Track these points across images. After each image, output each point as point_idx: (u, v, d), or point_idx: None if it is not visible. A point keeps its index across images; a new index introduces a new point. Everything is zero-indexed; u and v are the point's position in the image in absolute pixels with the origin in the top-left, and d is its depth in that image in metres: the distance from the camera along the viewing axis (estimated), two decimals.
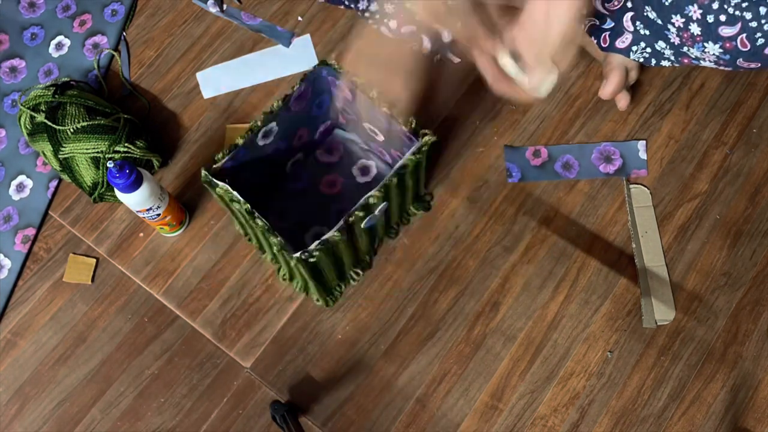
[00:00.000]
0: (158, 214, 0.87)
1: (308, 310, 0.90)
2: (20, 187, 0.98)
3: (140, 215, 0.87)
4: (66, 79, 0.95)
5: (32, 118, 0.91)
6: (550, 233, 0.92)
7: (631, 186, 0.93)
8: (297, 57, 1.04)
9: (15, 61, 1.06)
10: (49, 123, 0.88)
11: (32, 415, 0.87)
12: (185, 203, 0.95)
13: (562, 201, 0.93)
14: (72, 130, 0.88)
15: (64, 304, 0.92)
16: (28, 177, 0.99)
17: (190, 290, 0.91)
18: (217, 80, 1.03)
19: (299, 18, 1.06)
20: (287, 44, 1.04)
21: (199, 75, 1.03)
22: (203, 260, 0.93)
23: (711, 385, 0.85)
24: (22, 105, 0.91)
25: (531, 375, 0.86)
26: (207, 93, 1.02)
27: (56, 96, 0.90)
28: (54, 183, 0.98)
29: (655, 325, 0.86)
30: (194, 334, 0.90)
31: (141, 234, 0.94)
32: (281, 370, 0.87)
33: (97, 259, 0.94)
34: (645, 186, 0.93)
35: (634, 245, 0.90)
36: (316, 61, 1.03)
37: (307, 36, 1.05)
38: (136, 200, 0.82)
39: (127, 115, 0.92)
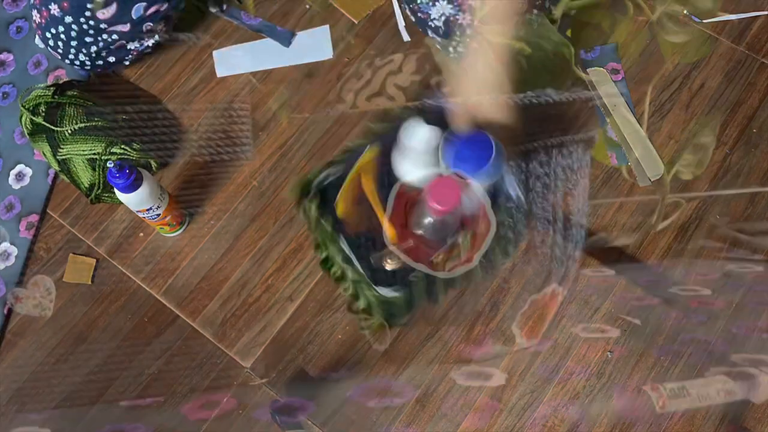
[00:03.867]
0: (158, 214, 0.87)
1: (308, 310, 0.90)
2: (20, 176, 0.98)
3: (140, 215, 0.87)
4: (68, 79, 0.95)
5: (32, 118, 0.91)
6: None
7: (587, 69, 0.99)
8: (313, 46, 1.05)
9: (2, 56, 1.06)
10: (47, 124, 0.88)
11: (32, 415, 0.87)
12: (185, 203, 0.95)
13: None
14: (70, 131, 0.88)
15: (64, 304, 0.92)
16: (27, 166, 0.99)
17: (190, 290, 0.91)
18: (234, 60, 1.03)
19: (307, 6, 1.07)
20: (287, 44, 1.04)
21: (215, 53, 1.04)
22: (203, 260, 0.93)
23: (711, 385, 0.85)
24: (22, 106, 0.91)
25: (531, 375, 0.86)
26: (221, 71, 1.03)
27: (56, 96, 0.90)
28: (53, 170, 0.97)
29: (650, 182, 0.89)
30: (194, 334, 0.90)
31: (141, 234, 0.94)
32: (281, 370, 0.87)
33: (97, 259, 0.94)
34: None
35: (608, 120, 0.95)
36: (331, 52, 1.03)
37: (326, 27, 1.05)
38: (136, 200, 0.82)
39: (126, 116, 0.92)
